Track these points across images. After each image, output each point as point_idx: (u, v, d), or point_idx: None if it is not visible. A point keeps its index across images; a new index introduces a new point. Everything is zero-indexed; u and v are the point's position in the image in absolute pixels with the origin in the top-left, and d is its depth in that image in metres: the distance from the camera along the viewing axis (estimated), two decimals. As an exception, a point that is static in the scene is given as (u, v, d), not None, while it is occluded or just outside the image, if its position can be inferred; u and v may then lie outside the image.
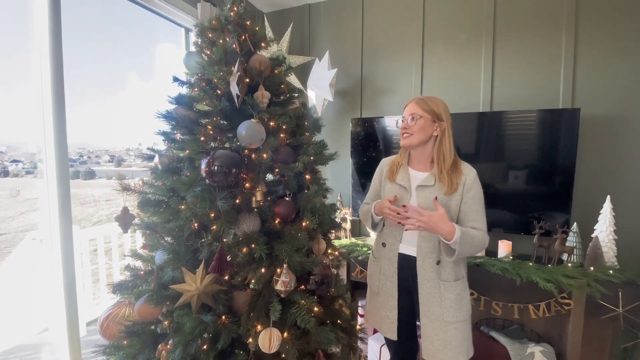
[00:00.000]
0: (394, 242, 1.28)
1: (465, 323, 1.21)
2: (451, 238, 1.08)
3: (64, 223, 1.43)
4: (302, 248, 1.05)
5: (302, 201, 1.11)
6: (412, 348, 1.40)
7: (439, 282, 1.19)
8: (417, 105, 1.20)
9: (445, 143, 1.19)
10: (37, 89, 1.39)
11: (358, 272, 2.13)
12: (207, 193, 0.95)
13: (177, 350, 0.93)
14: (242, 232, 1.01)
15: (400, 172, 1.29)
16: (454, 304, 1.18)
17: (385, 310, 1.31)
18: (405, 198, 1.24)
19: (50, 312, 1.45)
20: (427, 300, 1.20)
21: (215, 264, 0.95)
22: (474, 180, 1.18)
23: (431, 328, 1.20)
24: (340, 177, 2.53)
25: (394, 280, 1.28)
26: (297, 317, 1.02)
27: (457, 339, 1.18)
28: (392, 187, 1.29)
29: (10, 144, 5.57)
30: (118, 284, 1.09)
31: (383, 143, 2.25)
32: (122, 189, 1.07)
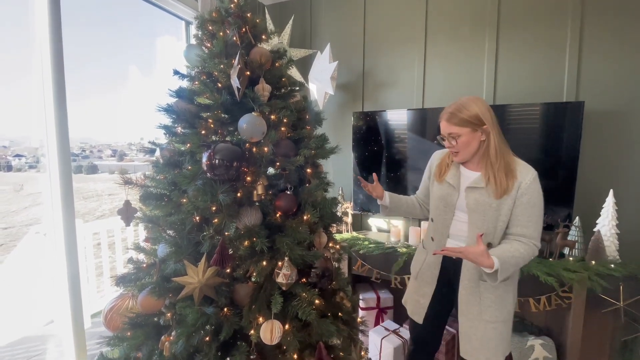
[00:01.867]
0: (441, 238, 1.25)
1: (505, 323, 1.18)
2: (491, 269, 1.04)
3: (67, 217, 1.44)
4: (303, 241, 1.05)
5: (303, 195, 1.11)
6: (434, 339, 1.40)
7: (478, 282, 1.16)
8: (450, 123, 1.12)
9: (490, 147, 1.11)
10: (38, 83, 1.39)
11: (359, 266, 2.14)
12: (209, 186, 0.95)
13: (180, 342, 0.94)
14: (244, 226, 1.02)
15: (451, 169, 1.23)
16: (493, 304, 1.15)
17: (418, 295, 1.32)
18: (453, 198, 1.20)
19: (55, 305, 1.47)
20: (467, 299, 1.18)
21: (217, 257, 0.95)
22: (530, 184, 1.09)
23: (469, 327, 1.18)
24: (342, 171, 2.53)
25: (435, 271, 1.27)
26: (299, 309, 1.02)
27: (496, 338, 1.15)
28: (440, 187, 1.25)
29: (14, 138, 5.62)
30: (121, 276, 1.10)
31: (385, 137, 2.24)
32: (124, 182, 1.08)
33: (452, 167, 1.24)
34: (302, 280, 1.12)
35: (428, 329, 1.35)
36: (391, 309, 2.24)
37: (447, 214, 1.22)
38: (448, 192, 1.22)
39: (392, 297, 2.25)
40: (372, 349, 1.99)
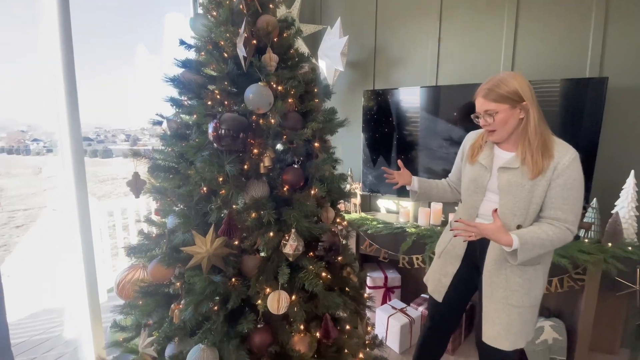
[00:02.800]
0: (469, 218, 1.21)
1: (532, 309, 1.14)
2: (509, 247, 1.01)
3: (80, 195, 1.47)
4: (310, 215, 1.05)
5: (311, 169, 1.09)
6: (452, 320, 1.39)
7: (505, 264, 1.11)
8: (487, 99, 1.06)
9: (530, 124, 1.04)
10: (49, 68, 1.40)
11: (367, 246, 2.14)
12: (215, 157, 0.95)
13: (189, 309, 0.96)
14: (251, 198, 1.02)
15: (484, 149, 1.18)
16: (521, 288, 1.10)
17: (440, 273, 1.31)
18: (484, 179, 1.16)
19: (71, 279, 1.53)
20: (492, 281, 1.14)
21: (224, 227, 0.96)
22: (568, 165, 1.03)
23: (493, 310, 1.14)
24: (351, 152, 2.50)
25: (460, 252, 1.25)
26: (305, 280, 1.03)
27: (519, 324, 1.12)
28: (472, 168, 1.21)
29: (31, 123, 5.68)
30: (132, 247, 1.13)
31: (396, 117, 2.19)
32: (133, 155, 1.08)
33: (486, 148, 1.19)
34: (309, 254, 1.13)
35: (447, 309, 1.35)
36: (398, 289, 2.25)
37: (478, 195, 1.18)
38: (480, 173, 1.17)
39: (400, 277, 2.25)
40: (379, 327, 2.01)
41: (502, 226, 1.01)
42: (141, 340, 1.13)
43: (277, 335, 1.05)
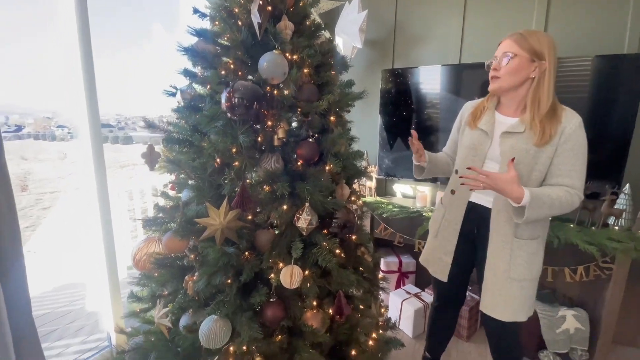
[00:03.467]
0: (464, 190, 1.19)
1: (532, 282, 1.13)
2: (519, 202, 0.97)
3: (99, 177, 1.51)
4: (324, 190, 1.02)
5: (326, 144, 1.06)
6: (459, 295, 1.38)
7: (511, 238, 1.09)
8: (514, 42, 1.03)
9: (543, 86, 1.02)
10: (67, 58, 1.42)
11: (382, 229, 2.11)
12: (229, 128, 0.93)
13: (202, 281, 0.96)
14: (264, 171, 1.00)
15: (485, 116, 1.15)
16: (524, 262, 1.09)
17: (440, 253, 1.28)
18: (484, 145, 1.12)
19: (92, 255, 1.58)
20: (496, 254, 1.12)
21: (238, 199, 0.94)
22: (575, 129, 1.01)
23: (494, 282, 1.13)
24: (368, 135, 2.44)
25: (457, 227, 1.22)
26: (319, 256, 1.01)
27: (521, 296, 1.11)
28: (471, 134, 1.17)
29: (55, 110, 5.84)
30: (148, 219, 1.13)
31: (416, 98, 2.11)
32: (147, 126, 1.08)
33: (487, 113, 1.15)
34: (323, 231, 1.11)
35: (453, 286, 1.32)
36: (413, 274, 2.21)
37: (476, 164, 1.13)
38: (480, 139, 1.13)
39: (415, 262, 2.21)
40: (393, 311, 1.99)
41: (517, 177, 0.97)
42: (157, 311, 1.15)
43: (290, 310, 1.04)
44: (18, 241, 1.12)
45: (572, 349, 1.65)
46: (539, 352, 1.65)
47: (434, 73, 2.01)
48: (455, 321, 1.45)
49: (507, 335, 1.22)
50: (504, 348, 1.26)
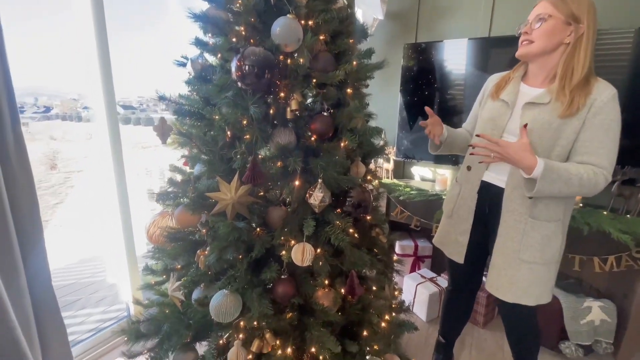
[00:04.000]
0: (480, 167, 1.12)
1: (546, 267, 1.05)
2: (530, 172, 0.90)
3: (116, 156, 1.54)
4: (338, 167, 0.97)
5: (341, 118, 1.00)
6: (475, 277, 1.32)
7: (525, 218, 1.02)
8: (549, 3, 0.94)
9: (579, 53, 0.92)
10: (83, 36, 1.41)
11: (398, 212, 2.05)
12: (239, 98, 0.89)
13: (213, 255, 0.95)
14: (277, 145, 0.96)
15: (508, 86, 1.07)
16: (536, 244, 1.02)
17: (455, 233, 1.22)
18: (504, 117, 1.04)
19: (112, 230, 1.63)
20: (506, 233, 1.06)
21: (248, 173, 0.91)
22: (607, 102, 0.91)
23: (501, 262, 1.08)
24: (387, 115, 2.35)
25: (472, 205, 1.16)
26: (332, 234, 0.98)
27: (528, 279, 1.05)
28: (492, 106, 1.10)
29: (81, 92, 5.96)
30: (161, 193, 1.13)
31: (439, 77, 1.99)
32: (159, 98, 1.05)
33: (512, 84, 1.06)
34: (337, 210, 1.07)
35: (468, 270, 1.27)
36: (429, 258, 2.16)
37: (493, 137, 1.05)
38: (500, 111, 1.05)
39: (431, 246, 2.15)
40: (407, 295, 1.96)
41: (530, 144, 0.90)
42: (170, 284, 1.16)
43: (301, 288, 1.02)
44: (37, 214, 1.15)
45: (596, 341, 1.57)
46: (560, 343, 1.59)
47: (460, 47, 1.88)
48: (471, 306, 1.40)
49: (522, 322, 1.17)
50: (518, 334, 1.22)
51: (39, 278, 1.18)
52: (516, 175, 1.02)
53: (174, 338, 1.08)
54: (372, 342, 1.11)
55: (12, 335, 1.00)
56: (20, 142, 1.07)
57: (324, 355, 0.99)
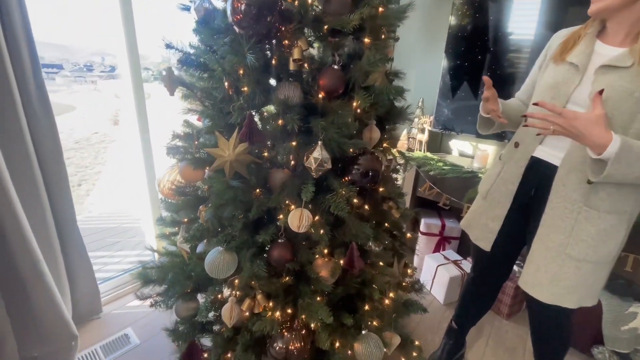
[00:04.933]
0: (532, 141, 0.93)
1: (598, 267, 0.87)
2: (601, 151, 0.71)
3: (140, 112, 1.57)
4: (344, 128, 0.87)
5: (354, 71, 0.88)
6: (502, 270, 1.17)
7: (580, 207, 0.84)
8: None
9: None
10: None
11: (427, 188, 1.90)
12: (237, 45, 0.81)
13: (209, 211, 0.93)
14: (279, 100, 0.87)
15: (580, 45, 0.85)
16: (590, 239, 0.84)
17: (486, 217, 1.07)
18: (571, 83, 0.83)
19: (141, 185, 1.71)
20: (552, 223, 0.88)
21: (244, 130, 0.85)
22: None
23: (542, 257, 0.91)
24: (427, 79, 2.12)
25: (513, 187, 0.98)
26: (332, 203, 0.90)
27: (573, 279, 0.88)
28: (555, 70, 0.88)
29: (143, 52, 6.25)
30: (170, 147, 1.12)
31: (495, 37, 1.71)
32: (166, 47, 1.01)
33: (583, 42, 0.84)
34: (345, 179, 0.98)
35: (496, 259, 1.13)
36: (456, 240, 2.01)
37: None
38: (566, 76, 0.84)
39: (460, 228, 1.99)
40: (425, 275, 1.86)
41: (605, 117, 0.71)
42: (179, 236, 1.19)
43: (298, 255, 0.98)
44: (60, 158, 1.22)
45: (635, 350, 1.37)
46: (593, 347, 1.41)
47: (532, 3, 1.57)
48: (494, 298, 1.27)
49: (553, 324, 1.03)
50: (547, 337, 1.07)
51: (65, 218, 1.28)
52: (577, 153, 0.83)
53: (176, 287, 1.12)
54: (371, 318, 1.05)
55: (37, 269, 1.10)
56: (42, 90, 1.11)
57: (316, 323, 0.96)
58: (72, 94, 12.93)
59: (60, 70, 17.56)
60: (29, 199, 1.12)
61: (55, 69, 17.71)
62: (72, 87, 14.76)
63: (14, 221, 1.03)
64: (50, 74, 16.73)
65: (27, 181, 1.11)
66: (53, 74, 16.76)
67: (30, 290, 1.13)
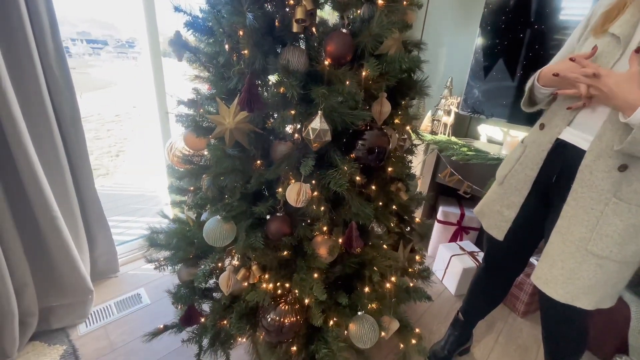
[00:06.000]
0: (559, 123, 0.84)
1: (622, 266, 0.78)
2: (631, 113, 0.64)
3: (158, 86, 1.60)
4: (348, 98, 0.81)
5: (362, 36, 0.81)
6: (515, 263, 1.09)
7: (608, 198, 0.75)
8: None
9: None
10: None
11: (447, 174, 1.80)
12: (237, 3, 0.76)
13: (207, 180, 0.92)
14: (281, 67, 0.83)
15: (625, 14, 0.74)
16: (617, 235, 0.75)
17: (500, 204, 0.99)
18: (610, 58, 0.73)
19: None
20: (575, 214, 0.79)
21: (244, 95, 0.82)
22: None
23: (560, 250, 0.82)
24: (457, 57, 1.97)
25: (532, 173, 0.90)
26: (332, 178, 0.86)
27: (593, 278, 0.79)
28: (596, 42, 0.77)
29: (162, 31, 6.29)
30: (180, 114, 1.12)
31: (540, 12, 1.53)
32: (175, 10, 0.98)
33: (629, 11, 0.72)
34: (350, 155, 0.93)
35: (510, 251, 1.05)
36: (475, 231, 1.90)
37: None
38: (606, 49, 0.73)
39: (481, 218, 1.88)
40: (438, 263, 1.79)
41: (639, 74, 0.63)
42: (186, 204, 1.21)
43: (296, 229, 0.96)
44: (79, 122, 1.26)
45: (672, 367, 1.24)
46: (615, 356, 1.29)
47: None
48: (505, 292, 1.19)
49: (568, 325, 0.94)
50: (559, 339, 0.99)
51: (84, 183, 1.34)
52: (608, 136, 0.73)
53: (180, 252, 1.15)
54: (369, 300, 1.02)
55: (54, 224, 1.17)
56: (60, 52, 1.14)
57: (310, 300, 0.94)
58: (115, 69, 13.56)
59: (105, 46, 18.41)
60: (49, 160, 1.18)
61: (100, 44, 18.57)
62: (115, 63, 15.48)
63: (33, 178, 1.09)
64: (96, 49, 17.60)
65: (46, 143, 1.16)
66: (99, 49, 17.63)
67: (49, 244, 1.20)
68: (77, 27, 18.92)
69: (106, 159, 4.16)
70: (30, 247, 1.20)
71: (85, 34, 21.60)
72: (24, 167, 1.07)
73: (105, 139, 5.07)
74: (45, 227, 1.17)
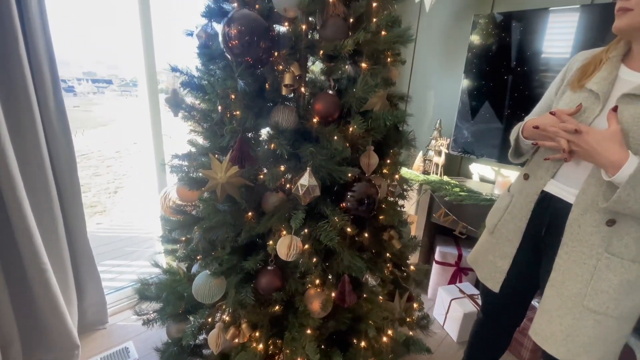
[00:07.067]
0: (543, 175, 0.85)
1: (620, 322, 0.76)
2: (615, 172, 0.65)
3: (154, 126, 1.65)
4: (336, 154, 0.83)
5: (347, 97, 0.85)
6: (514, 314, 1.06)
7: (600, 253, 0.74)
8: None
9: None
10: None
11: (442, 215, 1.80)
12: (229, 70, 0.81)
13: (197, 234, 0.92)
14: (270, 125, 0.86)
15: (601, 70, 0.77)
16: (612, 291, 0.73)
17: (493, 255, 0.98)
18: (590, 114, 0.74)
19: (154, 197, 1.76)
20: (567, 269, 0.78)
21: (235, 153, 0.84)
22: None
23: (557, 306, 0.80)
24: (445, 100, 2.05)
25: (521, 224, 0.90)
26: (322, 231, 0.86)
27: (593, 334, 0.76)
28: (572, 97, 0.80)
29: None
30: (174, 165, 1.14)
31: (522, 56, 1.62)
32: (172, 70, 1.04)
33: (605, 68, 0.75)
34: (341, 205, 0.94)
35: (507, 302, 1.02)
36: (473, 272, 1.86)
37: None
38: (584, 105, 0.76)
39: (479, 259, 1.85)
40: (439, 308, 1.73)
41: (620, 133, 0.65)
42: (176, 256, 1.20)
43: (287, 283, 0.94)
44: (74, 171, 1.27)
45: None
46: (631, 412, 1.22)
47: (569, 18, 1.47)
48: (508, 342, 1.14)
49: None
50: None
51: (75, 229, 1.33)
52: (592, 190, 0.74)
53: (169, 307, 1.11)
54: (365, 358, 0.98)
55: (43, 277, 1.15)
56: (60, 106, 1.18)
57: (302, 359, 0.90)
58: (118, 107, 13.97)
59: (110, 84, 19.10)
60: (42, 209, 1.18)
61: (105, 84, 19.27)
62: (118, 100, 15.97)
63: (25, 231, 1.09)
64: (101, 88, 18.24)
65: (41, 192, 1.17)
66: (103, 88, 18.27)
67: (37, 298, 1.17)
68: (83, 67, 19.58)
69: (104, 196, 4.17)
70: (18, 299, 1.16)
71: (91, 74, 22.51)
72: (18, 221, 1.07)
73: (104, 175, 5.11)
74: (33, 279, 1.14)
